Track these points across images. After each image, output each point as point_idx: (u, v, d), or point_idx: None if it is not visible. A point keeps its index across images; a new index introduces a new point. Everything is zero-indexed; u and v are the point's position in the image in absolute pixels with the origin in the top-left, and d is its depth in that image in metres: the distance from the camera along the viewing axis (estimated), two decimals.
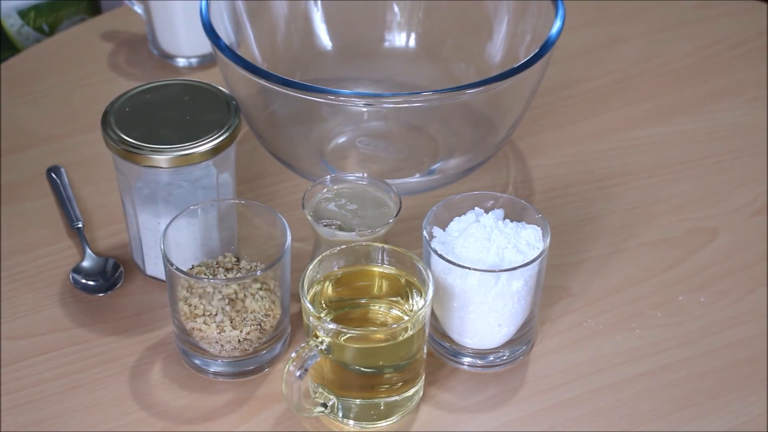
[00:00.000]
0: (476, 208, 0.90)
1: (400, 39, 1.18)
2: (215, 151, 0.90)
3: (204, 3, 1.02)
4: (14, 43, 1.35)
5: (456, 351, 0.90)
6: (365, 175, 0.93)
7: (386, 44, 1.18)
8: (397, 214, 0.90)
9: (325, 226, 0.89)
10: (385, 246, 0.86)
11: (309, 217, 0.90)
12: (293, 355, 0.81)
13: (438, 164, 1.07)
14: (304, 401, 0.83)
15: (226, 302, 0.86)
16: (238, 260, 0.92)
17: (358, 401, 0.85)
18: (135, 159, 0.89)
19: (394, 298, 0.87)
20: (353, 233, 0.89)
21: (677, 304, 0.96)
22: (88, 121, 1.13)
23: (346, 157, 1.09)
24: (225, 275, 0.90)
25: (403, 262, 0.86)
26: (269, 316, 0.88)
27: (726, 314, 0.95)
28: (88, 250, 0.99)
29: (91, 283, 0.97)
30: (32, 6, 1.35)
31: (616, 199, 1.06)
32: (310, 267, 0.84)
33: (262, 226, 0.91)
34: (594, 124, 1.16)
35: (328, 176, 0.93)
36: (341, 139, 1.10)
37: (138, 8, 1.24)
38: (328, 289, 0.86)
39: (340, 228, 0.89)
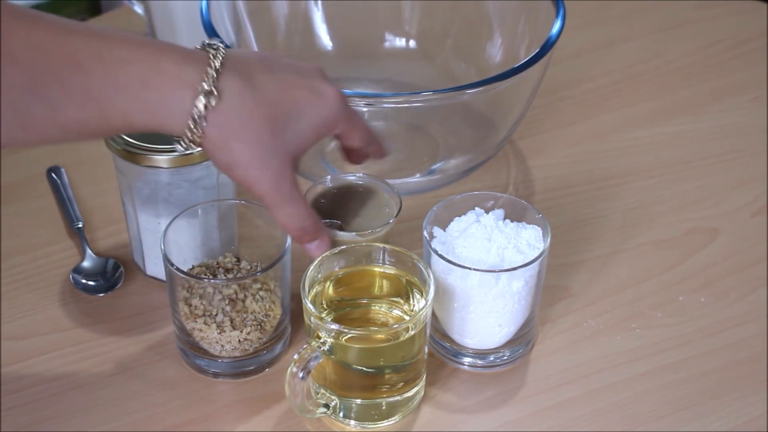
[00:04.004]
0: (476, 208, 0.90)
1: (400, 39, 1.18)
2: None
3: (204, 3, 1.02)
4: None
5: (456, 351, 0.90)
6: (365, 174, 0.93)
7: (386, 44, 1.18)
8: (397, 214, 0.90)
9: (326, 225, 0.89)
10: (386, 246, 0.86)
11: None
12: (296, 356, 0.81)
13: (438, 164, 1.07)
14: (307, 402, 0.83)
15: (227, 302, 0.86)
16: (239, 260, 0.92)
17: (359, 401, 0.85)
18: (135, 159, 0.89)
19: (395, 298, 0.87)
20: (353, 234, 0.89)
21: (677, 304, 0.96)
22: None
23: None
24: (225, 275, 0.90)
25: (403, 262, 0.86)
26: (269, 316, 0.88)
27: (726, 314, 0.95)
28: (88, 250, 0.99)
29: (91, 283, 0.97)
30: (32, 6, 1.35)
31: (616, 199, 1.06)
32: (311, 267, 0.84)
33: (263, 227, 0.91)
34: (594, 124, 1.16)
35: (328, 176, 0.93)
36: None
37: (138, 8, 1.24)
38: (329, 290, 0.86)
39: (340, 228, 0.89)
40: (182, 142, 0.77)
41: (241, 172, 0.79)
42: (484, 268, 0.84)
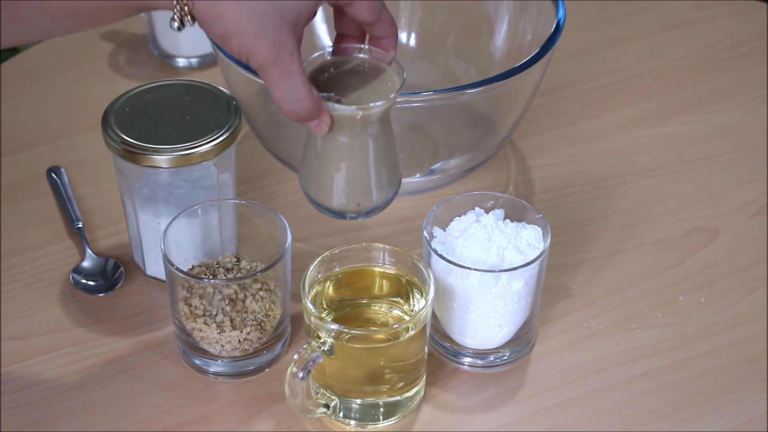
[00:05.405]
0: (476, 208, 0.90)
1: (400, 39, 1.18)
2: (215, 151, 0.90)
3: None
4: None
5: (456, 351, 0.90)
6: (367, 47, 0.85)
7: None
8: (400, 88, 0.83)
9: (323, 99, 0.81)
10: (386, 246, 0.86)
11: None
12: (296, 356, 0.81)
13: (438, 164, 1.07)
14: (307, 402, 0.83)
15: (227, 302, 0.86)
16: (239, 260, 0.92)
17: (359, 401, 0.85)
18: (135, 159, 0.89)
19: (395, 299, 0.87)
20: (353, 107, 0.81)
21: (677, 304, 0.96)
22: (88, 121, 1.13)
23: None
24: (225, 275, 0.90)
25: (404, 262, 0.86)
26: (269, 316, 0.88)
27: (726, 314, 0.95)
28: (88, 250, 0.99)
29: (91, 283, 0.97)
30: None
31: (616, 199, 1.06)
32: (311, 267, 0.84)
33: (263, 226, 0.91)
34: (594, 124, 1.16)
35: (328, 48, 0.85)
36: None
37: None
38: (329, 290, 0.86)
39: (339, 101, 0.81)
40: (174, 16, 0.74)
41: (236, 42, 0.74)
42: (484, 268, 0.84)
